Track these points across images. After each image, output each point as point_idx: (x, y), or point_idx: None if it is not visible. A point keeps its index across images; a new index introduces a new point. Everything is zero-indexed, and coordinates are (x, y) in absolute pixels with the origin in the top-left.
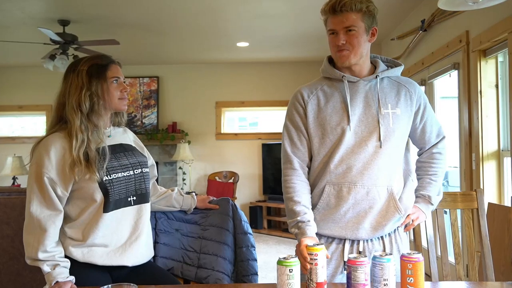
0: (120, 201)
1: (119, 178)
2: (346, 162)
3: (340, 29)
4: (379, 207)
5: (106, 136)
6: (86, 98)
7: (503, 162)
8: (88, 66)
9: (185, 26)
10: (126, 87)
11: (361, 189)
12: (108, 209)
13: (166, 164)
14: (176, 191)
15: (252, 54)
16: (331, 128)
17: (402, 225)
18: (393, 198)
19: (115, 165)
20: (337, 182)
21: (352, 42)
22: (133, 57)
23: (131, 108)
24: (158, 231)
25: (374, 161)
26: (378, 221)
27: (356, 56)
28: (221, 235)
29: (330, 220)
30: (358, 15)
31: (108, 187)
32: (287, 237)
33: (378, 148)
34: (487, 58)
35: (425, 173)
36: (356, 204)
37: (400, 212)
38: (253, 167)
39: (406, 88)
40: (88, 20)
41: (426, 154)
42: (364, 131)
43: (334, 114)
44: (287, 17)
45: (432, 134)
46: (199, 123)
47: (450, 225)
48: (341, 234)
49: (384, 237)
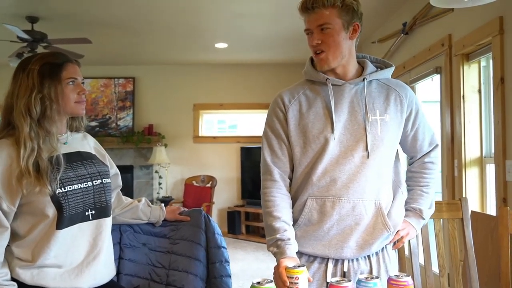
0: (76, 216)
1: (75, 191)
2: (330, 174)
3: (314, 27)
4: (365, 224)
5: (61, 143)
6: (36, 101)
7: (485, 169)
8: (40, 65)
9: (162, 26)
10: (84, 89)
11: (346, 203)
12: (62, 226)
13: (141, 167)
14: (144, 201)
15: (231, 56)
16: (313, 137)
17: (390, 243)
18: (381, 214)
19: (71, 175)
20: (320, 196)
21: (327, 42)
22: (107, 57)
23: (106, 109)
24: (123, 245)
25: (361, 172)
26: (364, 239)
27: (336, 58)
28: (192, 250)
29: (312, 237)
30: (332, 10)
31: (62, 200)
32: (266, 243)
33: (365, 159)
34: (470, 62)
35: (417, 184)
36: (341, 220)
37: (388, 229)
38: (231, 171)
39: (397, 92)
40: (58, 17)
41: (418, 163)
42: (350, 140)
43: (316, 121)
44: (266, 18)
45: (424, 142)
46: (176, 126)
47: (434, 235)
48: (324, 253)
49: (371, 256)
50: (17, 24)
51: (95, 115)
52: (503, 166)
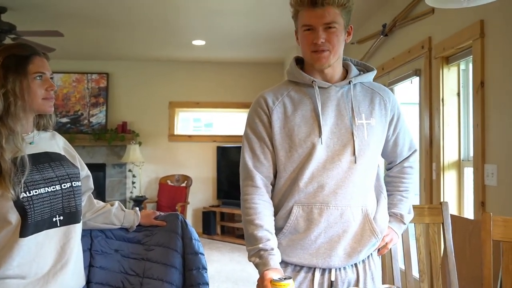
0: (42, 222)
1: (41, 195)
2: (318, 180)
3: (320, 24)
4: (353, 231)
5: (27, 143)
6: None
7: (463, 172)
8: (3, 57)
9: (138, 21)
10: (53, 85)
11: (334, 210)
12: (26, 233)
13: (114, 166)
14: (117, 205)
15: (209, 53)
16: (299, 141)
17: (376, 249)
18: (368, 220)
19: (37, 178)
20: (307, 203)
21: (332, 41)
22: (80, 51)
23: (78, 106)
24: (94, 252)
25: (348, 178)
26: (352, 247)
27: (335, 57)
28: (168, 256)
29: (298, 246)
30: (337, 10)
31: (27, 206)
32: (241, 244)
33: (352, 164)
34: (450, 65)
35: (396, 189)
36: (328, 227)
37: (376, 235)
38: (207, 171)
39: (380, 96)
40: (28, 8)
41: (397, 168)
42: (337, 145)
43: (303, 125)
44: (244, 15)
45: (404, 147)
46: (151, 124)
47: (415, 240)
48: (311, 262)
49: (358, 264)
50: None
51: (66, 111)
52: (482, 169)
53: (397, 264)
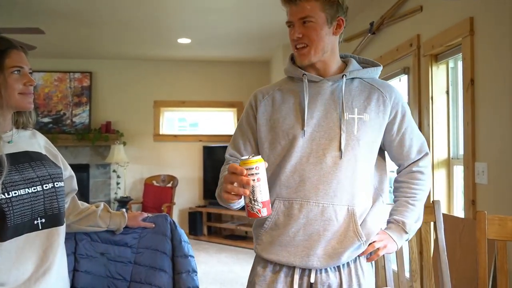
0: (22, 225)
1: (21, 196)
2: (300, 174)
3: (296, 20)
4: (335, 230)
5: (5, 142)
6: None
7: (453, 170)
8: None
9: (122, 18)
10: (32, 79)
11: (314, 206)
12: (5, 237)
13: (98, 166)
14: (102, 207)
15: (194, 52)
16: (282, 132)
17: (364, 254)
18: (353, 221)
19: (16, 179)
20: (288, 198)
21: (310, 35)
22: (62, 50)
23: (60, 105)
24: (78, 256)
25: (333, 174)
26: (333, 247)
27: (318, 53)
28: (157, 260)
29: (277, 243)
30: (315, 3)
31: (5, 208)
32: (228, 244)
33: (337, 159)
34: (439, 63)
35: (402, 195)
36: (308, 224)
37: (360, 238)
38: (193, 171)
39: (380, 92)
40: (7, 4)
41: (405, 172)
42: (323, 138)
43: (288, 117)
44: (230, 13)
45: (412, 148)
46: (136, 123)
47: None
48: (289, 261)
49: (341, 267)
50: None
51: (48, 111)
52: (472, 168)
53: (389, 265)
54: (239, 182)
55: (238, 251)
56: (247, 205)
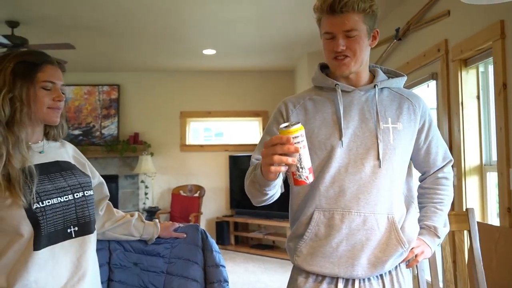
0: (56, 234)
1: (54, 205)
2: (339, 184)
3: (339, 32)
4: (378, 239)
5: (37, 152)
6: (5, 102)
7: (486, 177)
8: (15, 62)
9: (148, 31)
10: (61, 95)
11: (356, 216)
12: (39, 246)
13: (127, 177)
14: (137, 216)
15: (219, 62)
16: (318, 143)
17: (404, 261)
18: (395, 229)
19: (49, 188)
20: (328, 208)
21: (353, 48)
22: (91, 63)
23: (89, 117)
24: (112, 266)
25: (372, 183)
26: (377, 256)
27: (357, 64)
28: (189, 269)
29: (319, 254)
30: (360, 16)
31: (40, 216)
32: (256, 254)
33: (376, 168)
34: (468, 68)
35: (430, 201)
36: (350, 234)
37: (403, 245)
38: (219, 180)
39: (410, 102)
40: (40, 22)
41: (431, 179)
42: (360, 148)
43: (323, 127)
44: (254, 24)
45: (438, 156)
46: (163, 134)
47: (441, 248)
48: (333, 272)
49: (384, 275)
50: None
51: (78, 124)
52: (507, 174)
53: (422, 274)
54: (286, 151)
55: (265, 260)
56: (293, 174)
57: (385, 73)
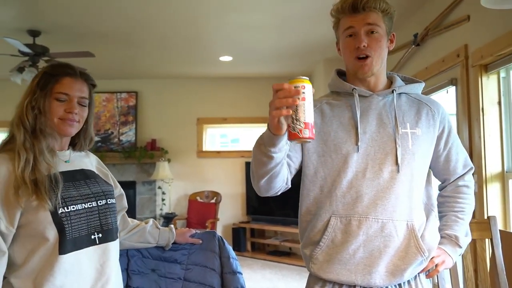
0: (81, 239)
1: (78, 211)
2: (356, 189)
3: (361, 27)
4: (396, 247)
5: (63, 160)
6: (28, 110)
7: (508, 184)
8: (42, 73)
9: (165, 39)
10: (72, 107)
11: (374, 222)
12: (65, 250)
13: (144, 183)
14: (151, 223)
15: (236, 69)
16: (334, 146)
17: (424, 271)
18: (414, 236)
19: (74, 194)
20: (345, 214)
21: (374, 47)
22: (109, 71)
23: (108, 124)
24: (130, 272)
25: (391, 189)
26: (396, 264)
27: (378, 64)
28: (206, 276)
29: (336, 261)
30: (379, 14)
31: (65, 221)
32: (272, 260)
33: (395, 173)
34: (489, 73)
35: (450, 210)
36: (368, 241)
37: (423, 254)
38: (235, 187)
39: (428, 107)
40: (60, 31)
41: (451, 187)
42: (378, 153)
43: (340, 131)
44: (270, 29)
45: (458, 163)
46: (180, 141)
47: (462, 257)
48: (350, 279)
49: (402, 285)
50: (19, 37)
51: (97, 130)
52: None
53: (443, 283)
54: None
55: (282, 267)
56: (288, 126)
57: (403, 80)
